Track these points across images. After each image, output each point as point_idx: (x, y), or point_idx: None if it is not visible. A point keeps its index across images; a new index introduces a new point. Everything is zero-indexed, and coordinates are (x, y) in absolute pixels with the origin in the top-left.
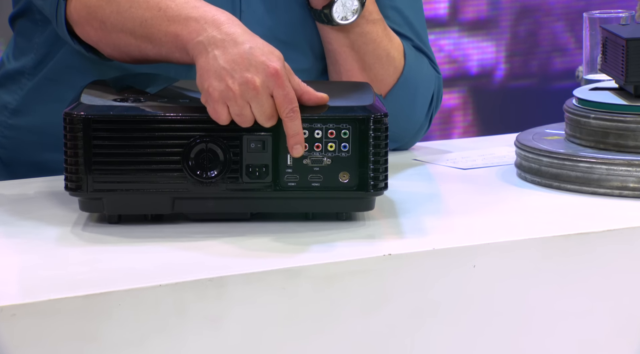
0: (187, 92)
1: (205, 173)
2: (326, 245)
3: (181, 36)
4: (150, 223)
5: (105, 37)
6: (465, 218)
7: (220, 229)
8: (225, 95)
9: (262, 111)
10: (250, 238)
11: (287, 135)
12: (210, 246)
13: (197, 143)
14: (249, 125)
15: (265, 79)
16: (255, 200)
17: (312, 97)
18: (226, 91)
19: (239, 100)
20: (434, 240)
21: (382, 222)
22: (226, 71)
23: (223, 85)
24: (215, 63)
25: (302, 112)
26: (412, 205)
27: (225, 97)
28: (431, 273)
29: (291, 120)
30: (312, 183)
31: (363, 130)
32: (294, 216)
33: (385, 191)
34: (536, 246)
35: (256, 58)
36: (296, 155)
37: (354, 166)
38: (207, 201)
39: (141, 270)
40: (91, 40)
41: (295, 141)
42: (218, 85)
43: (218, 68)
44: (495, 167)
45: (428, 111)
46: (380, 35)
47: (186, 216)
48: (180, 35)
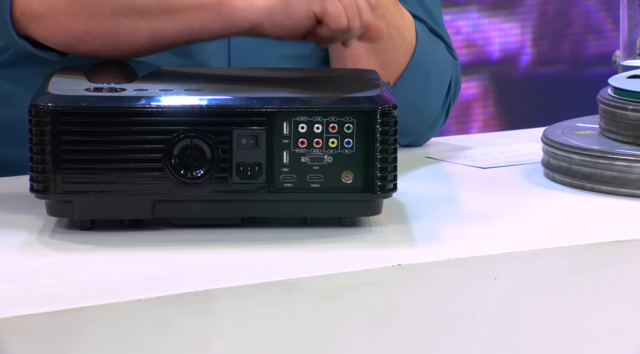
0: (172, 81)
1: (190, 173)
2: (327, 253)
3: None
4: (127, 229)
5: (98, 26)
6: (485, 224)
7: (207, 236)
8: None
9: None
10: (241, 247)
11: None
12: (195, 255)
13: (181, 139)
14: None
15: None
16: (246, 203)
17: None
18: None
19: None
20: (450, 248)
21: (390, 228)
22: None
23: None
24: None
25: (298, 103)
26: (424, 209)
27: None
28: (446, 285)
29: None
30: (311, 184)
31: (369, 123)
32: (291, 221)
33: (394, 193)
34: (566, 256)
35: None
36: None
37: (359, 165)
38: (193, 205)
39: (117, 283)
40: (71, 34)
41: None
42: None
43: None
44: (519, 165)
45: (445, 101)
46: (391, 10)
47: (169, 222)
48: None
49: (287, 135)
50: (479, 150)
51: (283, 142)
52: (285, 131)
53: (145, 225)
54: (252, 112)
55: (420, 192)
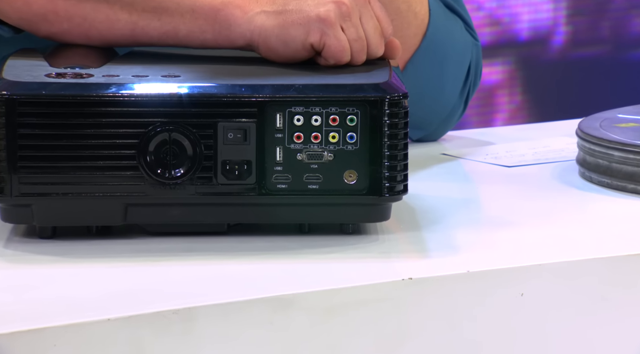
0: (147, 65)
1: (168, 172)
2: (327, 266)
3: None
4: (95, 237)
5: (70, 7)
6: (510, 232)
7: (188, 246)
8: (341, 12)
9: (374, 27)
10: (228, 258)
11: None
12: (174, 267)
13: (158, 133)
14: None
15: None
16: (234, 208)
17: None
18: (339, 7)
19: (353, 17)
20: (469, 259)
21: (400, 237)
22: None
23: (331, 6)
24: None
25: (293, 91)
26: (439, 215)
27: (342, 14)
28: (465, 303)
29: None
30: (308, 185)
31: (375, 115)
32: (285, 229)
33: (405, 196)
34: (604, 269)
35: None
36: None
37: (364, 163)
38: (171, 209)
39: (83, 300)
40: (34, 11)
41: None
42: (326, 8)
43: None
44: (550, 163)
45: (463, 88)
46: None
47: (143, 229)
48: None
49: (281, 129)
50: (503, 145)
51: (276, 136)
52: (279, 124)
53: (116, 233)
54: (240, 102)
55: (434, 195)
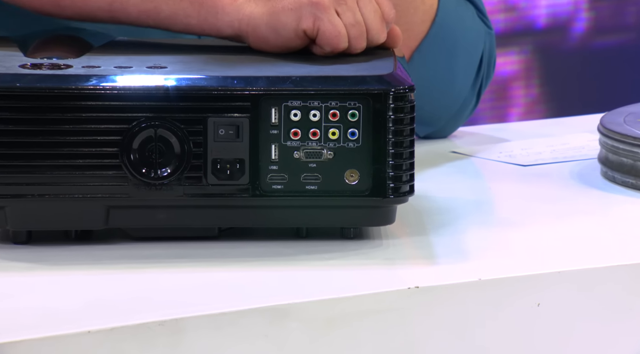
0: (131, 56)
1: (153, 172)
2: (326, 273)
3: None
4: (74, 243)
5: None
6: (525, 236)
7: (175, 252)
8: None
9: (374, 10)
10: (219, 265)
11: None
12: (161, 275)
13: (142, 129)
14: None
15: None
16: (225, 210)
17: None
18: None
19: (349, 1)
20: (481, 266)
21: (405, 242)
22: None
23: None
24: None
25: (290, 83)
26: (448, 217)
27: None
28: (476, 313)
29: None
30: (306, 185)
31: (379, 110)
32: (281, 233)
33: (411, 197)
34: (627, 277)
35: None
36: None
37: (366, 161)
38: (157, 212)
39: (62, 310)
40: None
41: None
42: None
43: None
44: (570, 162)
45: (475, 80)
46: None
47: (127, 234)
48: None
49: (276, 124)
50: (518, 142)
51: (271, 132)
52: (274, 119)
53: (97, 238)
54: (232, 95)
55: (443, 196)
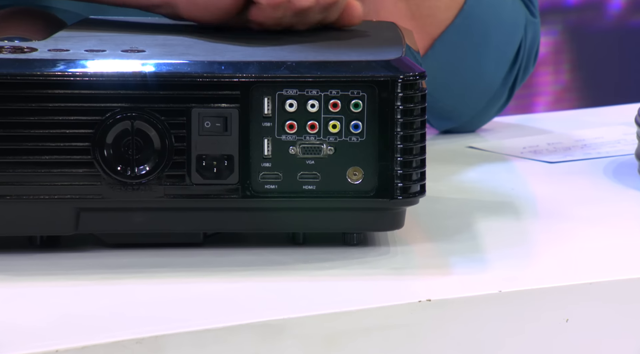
0: (104, 37)
1: (130, 170)
2: (326, 284)
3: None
4: (40, 250)
5: None
6: (552, 243)
7: (154, 260)
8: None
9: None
10: (204, 275)
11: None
12: (138, 287)
13: (117, 121)
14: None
15: None
16: (211, 213)
17: None
18: None
19: None
20: (501, 277)
21: (416, 249)
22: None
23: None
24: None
25: (285, 69)
26: (465, 222)
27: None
28: (496, 330)
29: None
30: (303, 185)
31: (386, 99)
32: (275, 239)
33: (422, 198)
34: None
35: None
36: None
37: (372, 158)
38: (134, 216)
39: (27, 327)
40: None
41: None
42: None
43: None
44: (603, 159)
45: (509, 74)
46: None
47: (100, 240)
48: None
49: (270, 116)
50: (545, 136)
51: (263, 125)
52: (267, 110)
53: (66, 245)
54: (219, 83)
55: (459, 197)
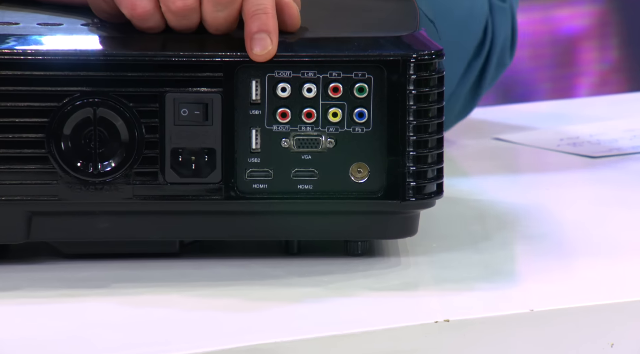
0: (60, 8)
1: (92, 166)
2: (325, 302)
3: None
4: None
5: None
6: (593, 254)
7: (123, 274)
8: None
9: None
10: (181, 291)
11: (247, 33)
12: (102, 306)
13: (78, 108)
14: (192, 26)
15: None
16: (189, 219)
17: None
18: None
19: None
20: (533, 294)
21: (431, 260)
22: None
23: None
24: None
25: (281, 47)
26: (490, 227)
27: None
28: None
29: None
30: (298, 184)
31: (396, 82)
32: (265, 248)
33: (439, 199)
34: None
35: None
36: (259, 55)
37: (379, 152)
38: (97, 221)
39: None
40: None
41: (260, 30)
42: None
43: None
44: None
45: (467, 71)
46: None
47: (56, 250)
48: None
49: (258, 102)
50: (587, 126)
51: (251, 113)
52: (255, 95)
53: (16, 255)
54: (199, 63)
55: (483, 199)
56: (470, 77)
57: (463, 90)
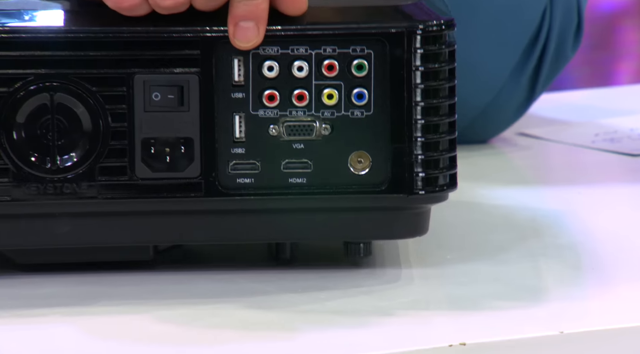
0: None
1: (50, 161)
2: (322, 323)
3: None
4: None
5: None
6: (631, 268)
7: (85, 290)
8: None
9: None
10: (154, 310)
11: (231, 15)
12: (62, 328)
13: (32, 93)
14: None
15: None
16: (164, 220)
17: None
18: None
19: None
20: (562, 313)
21: (444, 272)
22: None
23: None
24: None
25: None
26: (511, 236)
27: None
28: None
29: (246, 3)
30: (289, 177)
31: (400, 58)
32: (252, 255)
33: (453, 193)
34: None
35: None
36: (242, 45)
37: (382, 139)
38: (55, 225)
39: None
40: None
41: (245, 16)
42: None
43: None
44: None
45: (523, 62)
46: None
47: (8, 260)
48: None
49: (242, 84)
50: (626, 119)
51: (234, 96)
52: (238, 75)
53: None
54: (173, 39)
55: (505, 203)
56: (525, 70)
57: (517, 85)
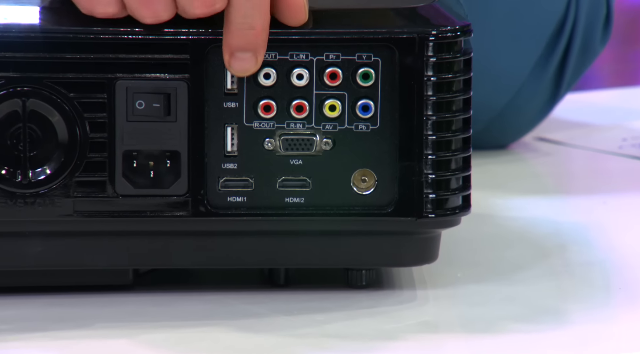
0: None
1: (21, 174)
2: (318, 342)
3: None
4: None
5: None
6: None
7: (60, 313)
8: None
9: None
10: (136, 335)
11: (226, 44)
12: (25, 352)
13: (2, 98)
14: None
15: None
16: (146, 241)
17: None
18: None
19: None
20: (584, 337)
21: (455, 294)
22: None
23: None
24: None
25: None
26: (529, 253)
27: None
28: None
29: (244, 36)
30: (286, 197)
31: (410, 67)
32: (244, 278)
33: (466, 216)
34: None
35: None
36: (238, 74)
37: (389, 156)
38: (27, 245)
39: None
40: None
41: (243, 48)
42: None
43: None
44: None
45: (546, 58)
46: None
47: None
48: None
49: (234, 93)
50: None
51: (225, 106)
52: (231, 83)
53: None
54: (160, 42)
55: (521, 216)
56: (549, 66)
57: (539, 84)
